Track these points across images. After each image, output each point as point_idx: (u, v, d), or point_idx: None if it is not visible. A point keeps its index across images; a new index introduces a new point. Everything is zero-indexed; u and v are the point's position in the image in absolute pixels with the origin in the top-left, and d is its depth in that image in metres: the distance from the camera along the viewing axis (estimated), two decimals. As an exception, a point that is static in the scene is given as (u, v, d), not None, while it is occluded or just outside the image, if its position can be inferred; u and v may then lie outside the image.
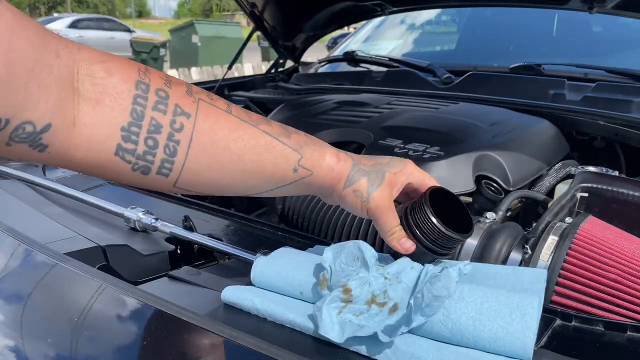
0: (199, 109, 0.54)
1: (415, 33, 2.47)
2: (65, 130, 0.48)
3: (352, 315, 0.55)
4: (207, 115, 0.55)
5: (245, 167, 0.58)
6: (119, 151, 0.51)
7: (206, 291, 0.72)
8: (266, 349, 0.53)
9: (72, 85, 0.48)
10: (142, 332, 0.58)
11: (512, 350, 0.51)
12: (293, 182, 0.62)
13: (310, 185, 0.64)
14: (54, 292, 0.66)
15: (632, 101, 1.32)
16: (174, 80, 0.55)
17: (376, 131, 1.17)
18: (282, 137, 0.60)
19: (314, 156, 0.62)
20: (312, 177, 0.62)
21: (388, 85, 1.71)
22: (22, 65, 0.44)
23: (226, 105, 0.58)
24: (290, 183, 0.62)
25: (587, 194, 0.92)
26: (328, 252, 0.63)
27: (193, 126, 0.54)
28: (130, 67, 0.52)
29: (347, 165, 0.64)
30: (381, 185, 0.63)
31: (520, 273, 0.65)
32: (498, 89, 1.51)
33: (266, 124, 0.60)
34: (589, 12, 1.44)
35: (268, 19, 1.88)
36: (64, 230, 0.90)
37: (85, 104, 0.49)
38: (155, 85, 0.52)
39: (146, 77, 0.52)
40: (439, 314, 0.54)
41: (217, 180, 0.58)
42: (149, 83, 0.52)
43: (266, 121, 0.60)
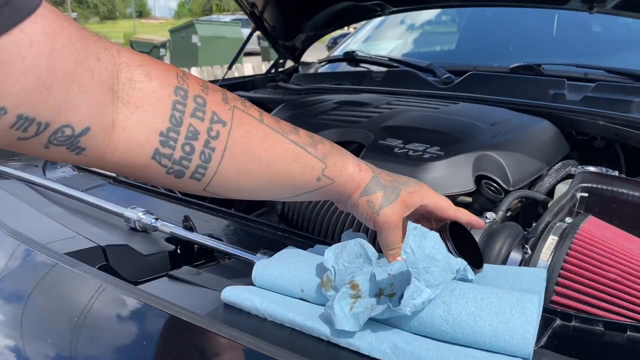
0: (234, 117, 0.55)
1: (415, 33, 2.47)
2: (104, 134, 0.48)
3: (363, 309, 0.55)
4: (241, 124, 0.56)
5: (272, 176, 0.59)
6: (155, 155, 0.51)
7: (206, 291, 0.72)
8: (266, 349, 0.53)
9: (112, 89, 0.48)
10: (142, 332, 0.58)
11: (513, 345, 0.51)
12: (315, 190, 0.64)
13: (330, 192, 0.65)
14: (54, 292, 0.66)
15: (632, 101, 1.32)
16: (210, 87, 0.55)
17: (376, 131, 1.17)
18: (309, 147, 0.62)
19: (337, 165, 0.64)
20: (333, 185, 0.64)
21: (388, 85, 1.71)
22: (64, 69, 0.44)
23: (258, 113, 0.59)
24: (312, 191, 0.64)
25: (587, 194, 0.92)
26: (329, 253, 0.63)
27: (228, 134, 0.55)
28: (169, 71, 0.52)
29: (367, 175, 0.66)
30: (395, 201, 0.65)
31: (520, 273, 0.65)
32: (498, 89, 1.51)
33: (294, 133, 0.61)
34: (589, 12, 1.44)
35: (268, 19, 1.88)
36: (64, 230, 0.90)
37: (125, 108, 0.49)
38: (194, 91, 0.53)
39: (184, 83, 0.53)
40: (440, 309, 0.54)
41: (244, 187, 0.59)
42: (187, 89, 0.52)
43: (294, 130, 0.62)
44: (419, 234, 0.54)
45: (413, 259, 0.52)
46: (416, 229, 0.55)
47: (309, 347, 0.56)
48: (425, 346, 0.52)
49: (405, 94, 1.56)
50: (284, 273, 0.66)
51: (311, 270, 0.65)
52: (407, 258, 0.53)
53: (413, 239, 0.53)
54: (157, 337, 0.57)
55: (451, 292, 0.56)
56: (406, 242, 0.53)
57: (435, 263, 0.53)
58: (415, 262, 0.52)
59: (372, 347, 0.53)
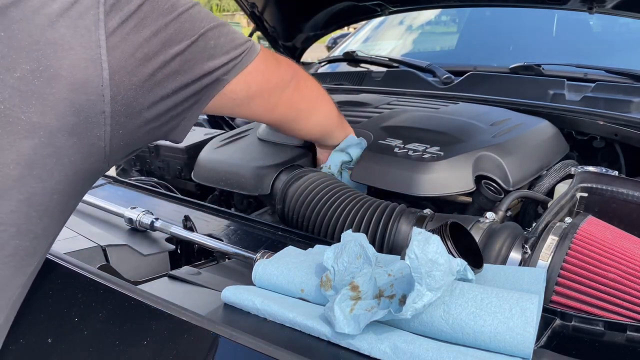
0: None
1: (415, 33, 2.47)
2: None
3: (364, 311, 0.55)
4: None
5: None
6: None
7: (206, 291, 0.72)
8: (266, 349, 0.53)
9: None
10: (142, 332, 0.58)
11: (513, 345, 0.51)
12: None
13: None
14: (54, 292, 0.66)
15: (632, 101, 1.33)
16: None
17: (376, 131, 1.17)
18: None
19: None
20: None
21: (388, 85, 1.71)
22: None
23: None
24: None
25: (586, 194, 0.92)
26: (329, 253, 0.63)
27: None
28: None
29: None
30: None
31: (520, 273, 0.65)
32: (498, 89, 1.51)
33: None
34: (588, 12, 1.44)
35: (268, 19, 1.88)
36: (64, 230, 0.89)
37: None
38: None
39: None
40: (440, 309, 0.54)
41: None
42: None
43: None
44: (423, 239, 0.54)
45: (417, 264, 0.52)
46: (420, 234, 0.55)
47: (309, 347, 0.56)
48: (425, 346, 0.52)
49: (405, 94, 1.56)
50: (284, 273, 0.66)
51: (311, 270, 0.65)
52: (410, 263, 0.53)
53: (417, 244, 0.53)
54: (157, 337, 0.57)
55: (451, 292, 0.56)
56: (410, 248, 0.53)
57: (438, 267, 0.53)
58: (418, 267, 0.52)
59: (372, 347, 0.53)
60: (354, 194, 1.00)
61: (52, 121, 0.55)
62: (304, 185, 1.03)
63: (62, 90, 0.55)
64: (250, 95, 0.81)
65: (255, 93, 0.82)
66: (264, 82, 0.83)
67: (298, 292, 0.65)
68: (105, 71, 0.57)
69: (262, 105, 0.87)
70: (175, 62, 0.64)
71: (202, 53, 0.68)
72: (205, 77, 0.69)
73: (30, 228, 0.57)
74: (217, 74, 0.71)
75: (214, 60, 0.70)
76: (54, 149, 0.56)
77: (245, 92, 0.79)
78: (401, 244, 0.89)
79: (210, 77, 0.70)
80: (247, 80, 0.77)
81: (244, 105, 0.82)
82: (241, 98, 0.79)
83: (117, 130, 0.61)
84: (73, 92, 0.55)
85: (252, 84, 0.79)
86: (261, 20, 1.86)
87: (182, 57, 0.65)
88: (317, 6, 1.88)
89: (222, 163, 1.19)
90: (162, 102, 0.65)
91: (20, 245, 0.57)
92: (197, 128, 1.61)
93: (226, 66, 0.72)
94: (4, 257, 0.56)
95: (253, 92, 0.81)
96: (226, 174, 1.16)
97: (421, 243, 0.54)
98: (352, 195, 0.98)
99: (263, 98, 0.85)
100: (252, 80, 0.79)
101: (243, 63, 0.75)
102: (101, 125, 0.59)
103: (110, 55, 0.57)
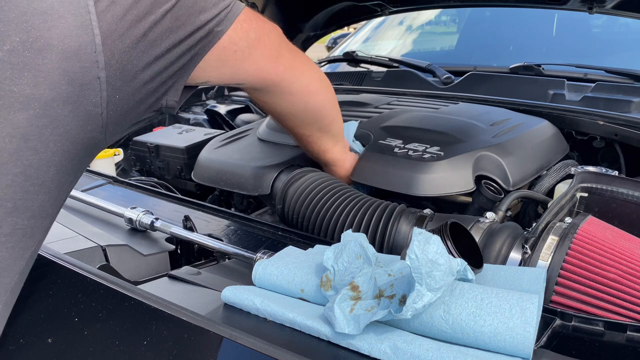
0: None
1: (415, 33, 2.47)
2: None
3: (364, 311, 0.55)
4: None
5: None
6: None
7: (206, 291, 0.72)
8: (266, 349, 0.53)
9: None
10: (142, 332, 0.58)
11: (513, 345, 0.51)
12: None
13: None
14: (54, 292, 0.66)
15: (632, 101, 1.33)
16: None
17: (376, 131, 1.17)
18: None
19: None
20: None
21: (388, 85, 1.71)
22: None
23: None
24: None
25: (586, 194, 0.92)
26: (329, 252, 0.63)
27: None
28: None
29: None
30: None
31: (520, 273, 0.65)
32: (498, 89, 1.51)
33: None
34: (588, 12, 1.44)
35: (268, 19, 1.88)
36: (64, 230, 0.90)
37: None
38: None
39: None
40: (440, 309, 0.54)
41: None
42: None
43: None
44: (424, 239, 0.54)
45: (417, 264, 0.52)
46: (421, 235, 0.55)
47: (309, 347, 0.56)
48: (426, 346, 0.52)
49: (405, 94, 1.56)
50: (284, 273, 0.66)
51: (311, 270, 0.65)
52: (411, 264, 0.53)
53: (418, 244, 0.53)
54: (157, 337, 0.57)
55: (451, 292, 0.56)
56: (411, 248, 0.53)
57: (438, 267, 0.53)
58: (419, 267, 0.52)
59: (372, 347, 0.53)
60: (354, 194, 1.00)
61: (46, 92, 0.55)
62: (304, 185, 1.03)
63: (54, 60, 0.55)
64: (251, 43, 0.79)
65: (255, 40, 0.80)
66: (260, 26, 0.82)
67: (298, 292, 0.65)
68: (97, 37, 0.57)
69: (266, 52, 0.85)
70: (166, 19, 0.64)
71: (192, 7, 0.68)
72: (198, 31, 0.69)
73: (27, 205, 0.57)
74: (210, 26, 0.70)
75: (205, 13, 0.69)
76: (49, 120, 0.56)
77: (245, 40, 0.78)
78: (401, 244, 0.89)
79: (204, 29, 0.70)
80: (243, 27, 0.76)
81: (247, 57, 0.81)
82: (242, 49, 0.78)
83: (113, 95, 0.61)
84: (66, 61, 0.55)
85: (250, 31, 0.78)
86: (261, 20, 1.86)
87: (173, 14, 0.65)
88: (317, 6, 1.88)
89: (222, 163, 1.19)
90: (157, 61, 0.65)
91: (18, 224, 0.56)
92: (197, 128, 1.61)
93: (218, 17, 0.71)
94: (2, 235, 0.55)
95: (253, 39, 0.80)
96: (226, 174, 1.16)
97: (422, 243, 0.54)
98: (352, 195, 0.98)
99: (265, 45, 0.84)
100: (249, 26, 0.78)
101: (234, 12, 0.74)
102: (97, 92, 0.59)
103: (101, 20, 0.58)
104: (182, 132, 1.56)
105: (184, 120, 1.85)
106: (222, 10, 0.72)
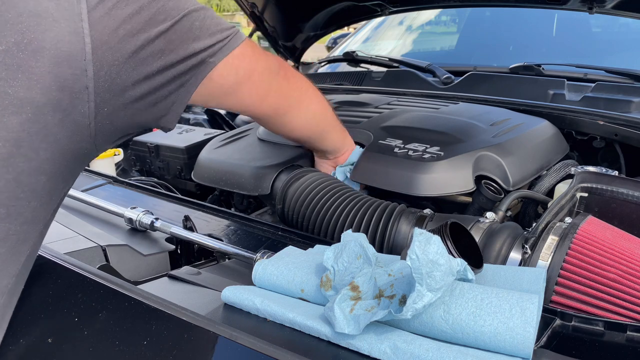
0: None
1: (415, 33, 2.47)
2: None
3: (364, 311, 0.55)
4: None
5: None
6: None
7: (206, 291, 0.72)
8: (266, 349, 0.53)
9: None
10: (142, 332, 0.58)
11: (513, 345, 0.51)
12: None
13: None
14: (54, 292, 0.66)
15: (632, 101, 1.33)
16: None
17: (376, 131, 1.17)
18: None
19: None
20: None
21: (388, 85, 1.71)
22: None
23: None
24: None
25: (586, 194, 0.92)
26: (329, 252, 0.63)
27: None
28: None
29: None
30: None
31: (520, 273, 0.65)
32: (498, 89, 1.51)
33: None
34: (588, 12, 1.44)
35: (268, 19, 1.88)
36: (64, 230, 0.90)
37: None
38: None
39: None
40: (440, 309, 0.54)
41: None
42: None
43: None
44: (424, 239, 0.54)
45: (418, 264, 0.52)
46: (421, 235, 0.55)
47: (309, 347, 0.56)
48: (426, 346, 0.52)
49: (405, 94, 1.56)
50: (284, 273, 0.66)
51: (311, 270, 0.65)
52: (411, 264, 0.53)
53: (418, 244, 0.53)
54: (157, 337, 0.57)
55: (451, 292, 0.56)
56: (412, 248, 0.53)
57: (438, 267, 0.53)
58: (419, 267, 0.52)
59: (372, 347, 0.53)
60: (354, 194, 1.00)
61: (38, 96, 0.55)
62: (304, 185, 1.03)
63: (46, 64, 0.55)
64: (239, 80, 0.79)
65: (244, 78, 0.80)
66: (253, 65, 0.81)
67: (298, 292, 0.65)
68: (88, 45, 0.57)
69: (252, 92, 0.85)
70: (159, 40, 0.64)
71: (187, 34, 0.68)
72: (190, 58, 0.69)
73: (20, 211, 0.57)
74: (203, 56, 0.70)
75: (199, 42, 0.69)
76: (40, 126, 0.56)
77: (234, 76, 0.78)
78: (401, 244, 0.89)
79: (196, 58, 0.70)
80: (234, 63, 0.76)
81: (233, 92, 0.81)
82: (230, 84, 0.78)
83: (101, 107, 0.61)
84: (57, 66, 0.56)
85: (240, 68, 0.78)
86: (261, 20, 1.86)
87: (166, 37, 0.65)
88: (317, 6, 1.88)
89: (222, 163, 1.19)
90: (147, 81, 0.65)
91: (11, 230, 0.57)
92: (197, 128, 1.61)
93: (212, 48, 0.71)
94: None
95: (241, 76, 0.79)
96: (226, 174, 1.16)
97: (422, 244, 0.54)
98: (352, 195, 0.98)
99: (253, 84, 0.83)
100: (240, 63, 0.78)
101: (229, 46, 0.74)
102: (85, 102, 0.59)
103: (93, 29, 0.58)
104: (182, 132, 1.56)
105: (184, 120, 1.85)
106: (218, 42, 0.72)
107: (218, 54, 0.72)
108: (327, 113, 1.06)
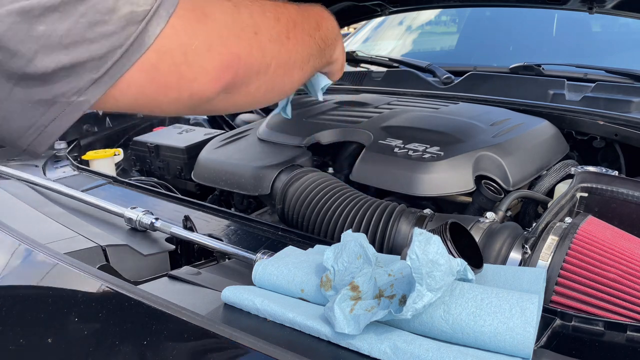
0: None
1: (415, 33, 2.47)
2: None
3: (364, 311, 0.55)
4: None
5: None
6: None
7: (206, 291, 0.72)
8: (266, 349, 0.53)
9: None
10: (142, 332, 0.58)
11: (513, 345, 0.51)
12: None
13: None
14: (54, 292, 0.66)
15: (632, 101, 1.33)
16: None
17: (376, 131, 1.17)
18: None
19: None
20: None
21: (388, 85, 1.71)
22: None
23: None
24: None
25: (586, 194, 0.92)
26: (329, 252, 0.63)
27: None
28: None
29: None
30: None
31: (520, 273, 0.65)
32: (498, 89, 1.51)
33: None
34: (588, 12, 1.44)
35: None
36: (64, 230, 0.90)
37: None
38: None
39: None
40: (440, 309, 0.54)
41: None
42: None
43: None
44: (424, 239, 0.54)
45: (418, 264, 0.52)
46: (422, 235, 0.55)
47: (309, 347, 0.56)
48: (426, 346, 0.52)
49: (405, 94, 1.56)
50: (284, 273, 0.66)
51: (311, 270, 0.65)
52: (411, 264, 0.53)
53: (418, 244, 0.53)
54: (157, 337, 0.57)
55: (451, 292, 0.56)
56: (412, 248, 0.53)
57: (438, 267, 0.53)
58: (419, 267, 0.52)
59: (372, 347, 0.53)
60: (354, 194, 1.00)
61: None
62: (304, 185, 1.03)
63: None
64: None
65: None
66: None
67: (298, 292, 0.65)
68: None
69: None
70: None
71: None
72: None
73: None
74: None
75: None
76: None
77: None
78: (401, 244, 0.89)
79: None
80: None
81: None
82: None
83: None
84: None
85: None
86: (261, 20, 1.86)
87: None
88: (317, 6, 1.88)
89: (222, 163, 1.19)
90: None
91: None
92: (197, 128, 1.61)
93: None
94: None
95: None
96: (226, 174, 1.16)
97: (422, 244, 0.54)
98: (352, 196, 0.98)
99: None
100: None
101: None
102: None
103: None
104: (182, 132, 1.56)
105: (184, 120, 1.85)
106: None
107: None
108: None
